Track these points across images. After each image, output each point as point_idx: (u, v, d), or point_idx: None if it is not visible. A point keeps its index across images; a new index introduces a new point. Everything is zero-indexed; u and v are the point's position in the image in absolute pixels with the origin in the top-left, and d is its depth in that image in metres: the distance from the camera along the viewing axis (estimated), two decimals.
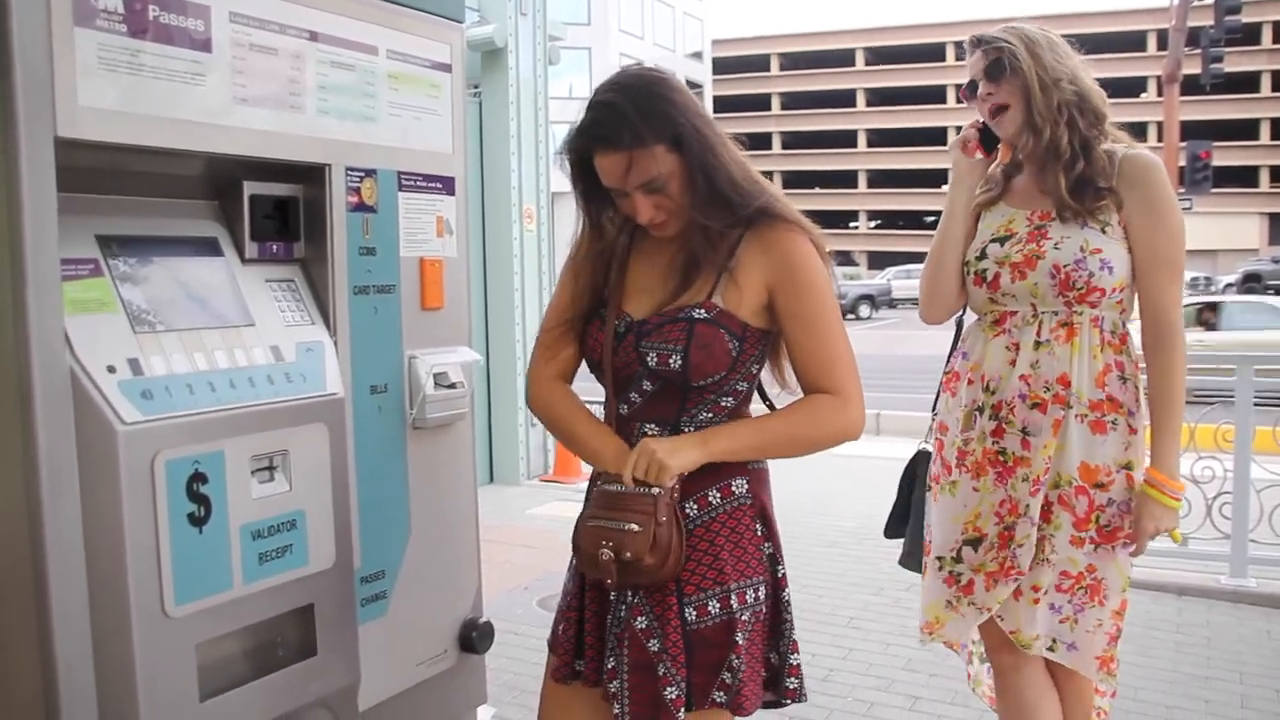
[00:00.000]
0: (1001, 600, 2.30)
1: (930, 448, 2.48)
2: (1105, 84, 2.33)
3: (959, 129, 2.48)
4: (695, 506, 1.79)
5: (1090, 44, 2.37)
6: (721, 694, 1.75)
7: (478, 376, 2.34)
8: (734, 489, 1.82)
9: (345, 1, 2.02)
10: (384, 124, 2.12)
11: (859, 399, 1.79)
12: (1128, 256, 2.21)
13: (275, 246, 1.99)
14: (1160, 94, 18.34)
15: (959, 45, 2.52)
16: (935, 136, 51.22)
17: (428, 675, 2.27)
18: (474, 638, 2.35)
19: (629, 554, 1.69)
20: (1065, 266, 2.20)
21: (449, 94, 2.27)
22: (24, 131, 1.49)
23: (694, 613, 1.76)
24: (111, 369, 1.61)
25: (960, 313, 2.49)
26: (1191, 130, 26.08)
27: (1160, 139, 20.94)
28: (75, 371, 1.57)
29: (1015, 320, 2.28)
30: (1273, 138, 49.18)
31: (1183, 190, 19.08)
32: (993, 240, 2.32)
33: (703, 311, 1.75)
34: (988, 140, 2.39)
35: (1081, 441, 2.22)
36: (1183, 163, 20.07)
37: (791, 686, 1.88)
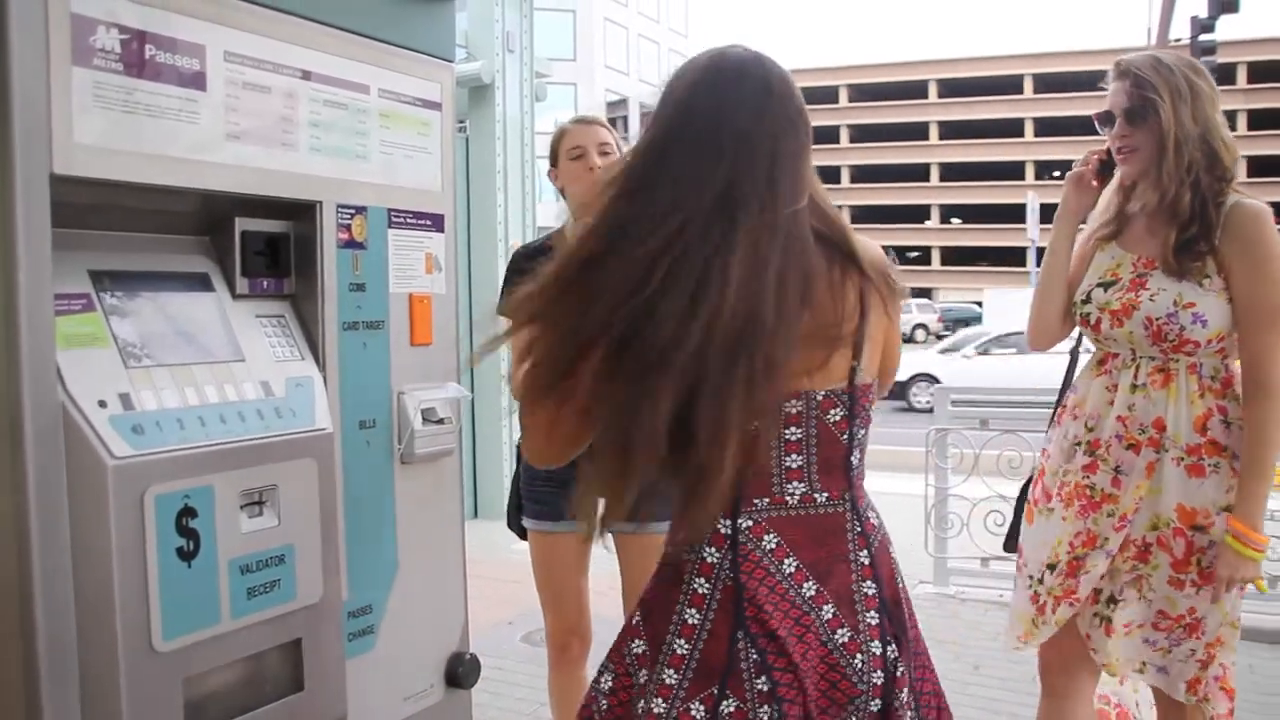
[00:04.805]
0: (1062, 621, 2.38)
1: None
2: (1086, 121, 2.36)
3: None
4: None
5: (1069, 83, 2.40)
6: None
7: (464, 412, 2.36)
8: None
9: (338, 41, 2.05)
10: (375, 162, 2.15)
11: None
12: (1227, 307, 2.23)
13: (266, 282, 2.01)
14: None
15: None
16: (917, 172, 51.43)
17: (414, 710, 2.26)
18: (460, 673, 2.34)
19: None
20: (1157, 319, 2.25)
21: (439, 132, 2.30)
22: (20, 168, 1.51)
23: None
24: (102, 404, 1.62)
25: (1074, 344, 2.59)
26: None
27: None
28: (66, 406, 1.58)
29: (1116, 362, 2.35)
30: (1249, 175, 49.81)
31: None
32: (1099, 285, 2.39)
33: None
34: (1105, 169, 2.44)
35: (1178, 484, 2.25)
36: None
37: None
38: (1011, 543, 2.65)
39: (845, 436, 1.53)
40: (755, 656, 1.44)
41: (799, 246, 1.41)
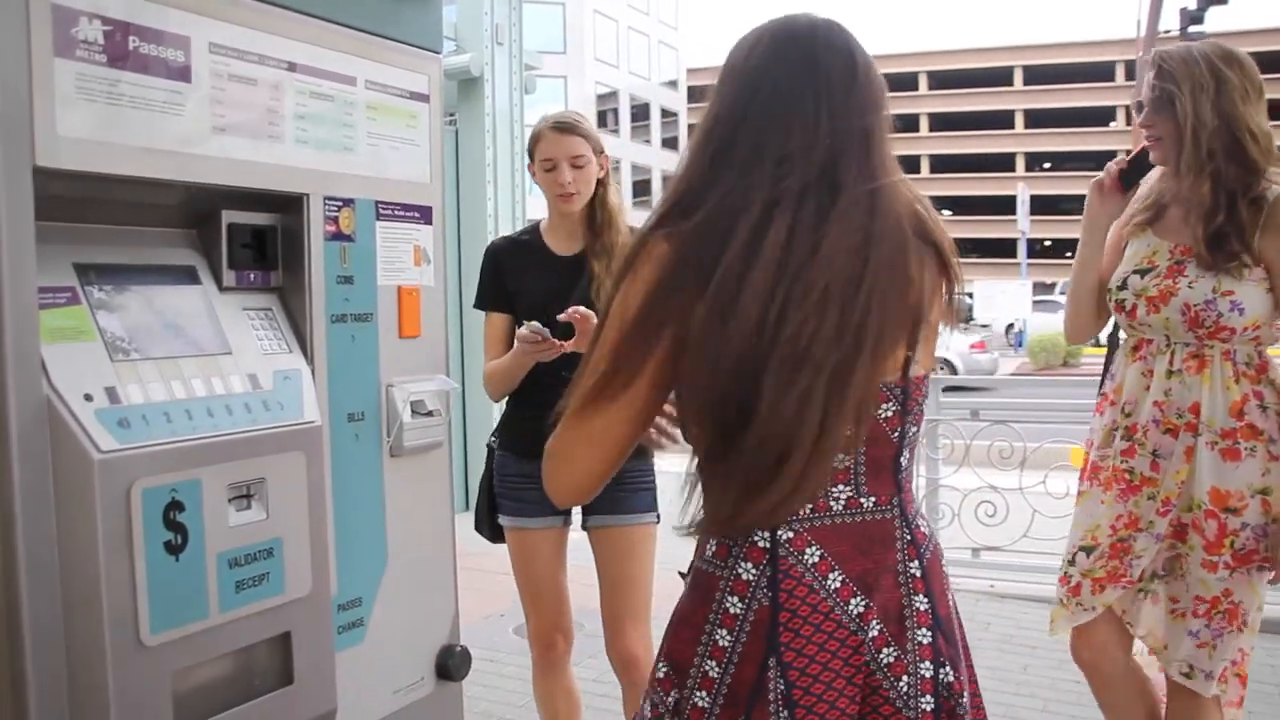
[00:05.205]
0: (1108, 603, 2.42)
1: None
2: (1076, 113, 2.40)
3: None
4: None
5: (1062, 74, 2.44)
6: None
7: (453, 404, 2.35)
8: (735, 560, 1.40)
9: (324, 33, 2.04)
10: (362, 154, 2.14)
11: None
12: (1267, 296, 2.27)
13: (253, 275, 2.00)
14: (1129, 122, 18.62)
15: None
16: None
17: (404, 703, 2.26)
18: (451, 665, 2.34)
19: None
20: (1195, 306, 2.28)
21: (426, 124, 2.29)
22: (2, 161, 1.50)
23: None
24: (88, 397, 1.61)
25: (1111, 332, 2.65)
26: None
27: None
28: (52, 400, 1.57)
29: (1151, 349, 2.39)
30: None
31: None
32: (1135, 271, 2.42)
33: None
34: (1128, 177, 2.47)
35: (1211, 467, 2.29)
36: None
37: None
38: None
39: (896, 434, 1.40)
40: (782, 687, 1.33)
41: (895, 222, 1.34)
